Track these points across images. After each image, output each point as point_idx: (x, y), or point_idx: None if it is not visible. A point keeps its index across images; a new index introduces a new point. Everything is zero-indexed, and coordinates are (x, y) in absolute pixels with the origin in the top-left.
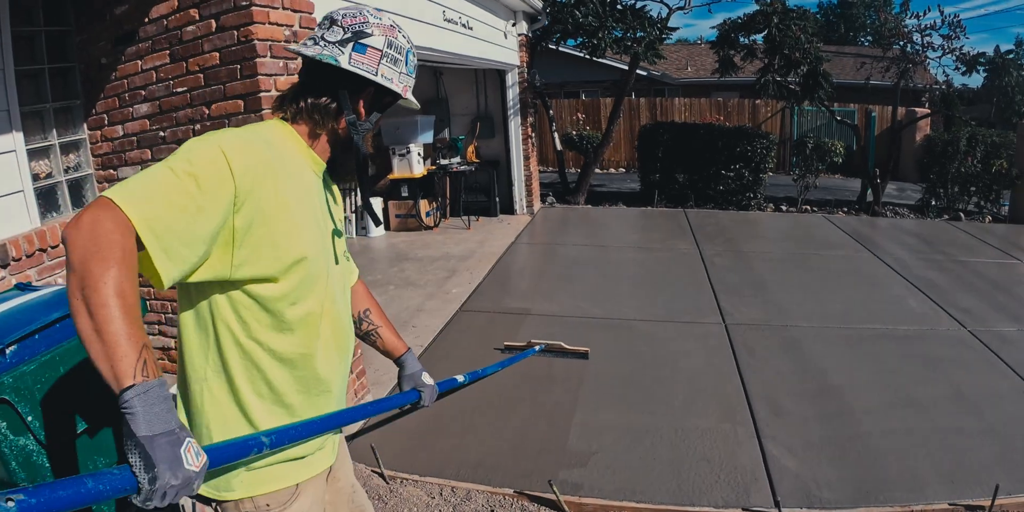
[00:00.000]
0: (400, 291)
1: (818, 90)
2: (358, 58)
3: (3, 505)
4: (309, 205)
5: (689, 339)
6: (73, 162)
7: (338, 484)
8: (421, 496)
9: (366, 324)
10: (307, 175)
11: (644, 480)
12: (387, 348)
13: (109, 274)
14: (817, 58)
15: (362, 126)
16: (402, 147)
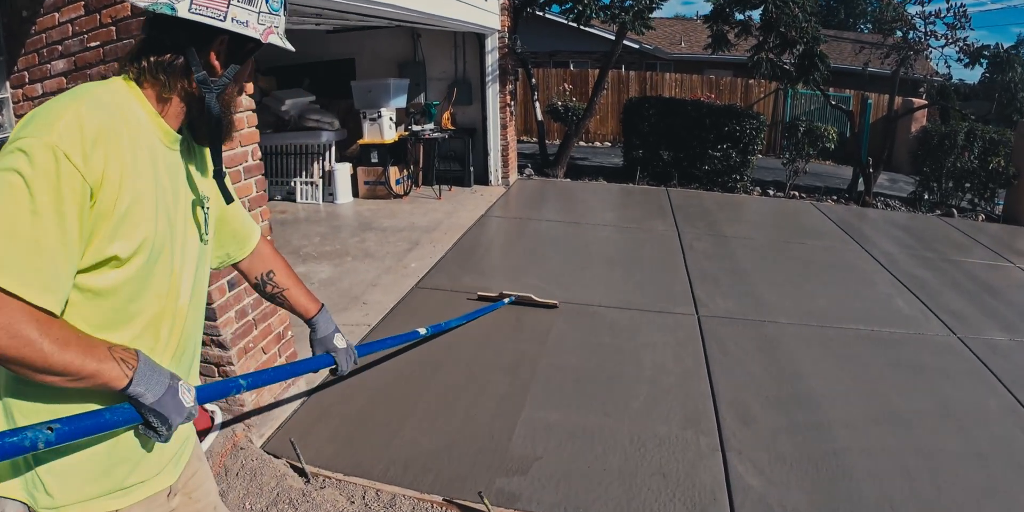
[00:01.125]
0: (356, 263)
1: (813, 72)
2: (201, 3)
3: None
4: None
5: (657, 331)
6: None
7: (197, 505)
8: (339, 500)
9: (270, 287)
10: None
11: (590, 494)
12: (297, 310)
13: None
14: (814, 38)
15: (217, 83)
16: (373, 111)
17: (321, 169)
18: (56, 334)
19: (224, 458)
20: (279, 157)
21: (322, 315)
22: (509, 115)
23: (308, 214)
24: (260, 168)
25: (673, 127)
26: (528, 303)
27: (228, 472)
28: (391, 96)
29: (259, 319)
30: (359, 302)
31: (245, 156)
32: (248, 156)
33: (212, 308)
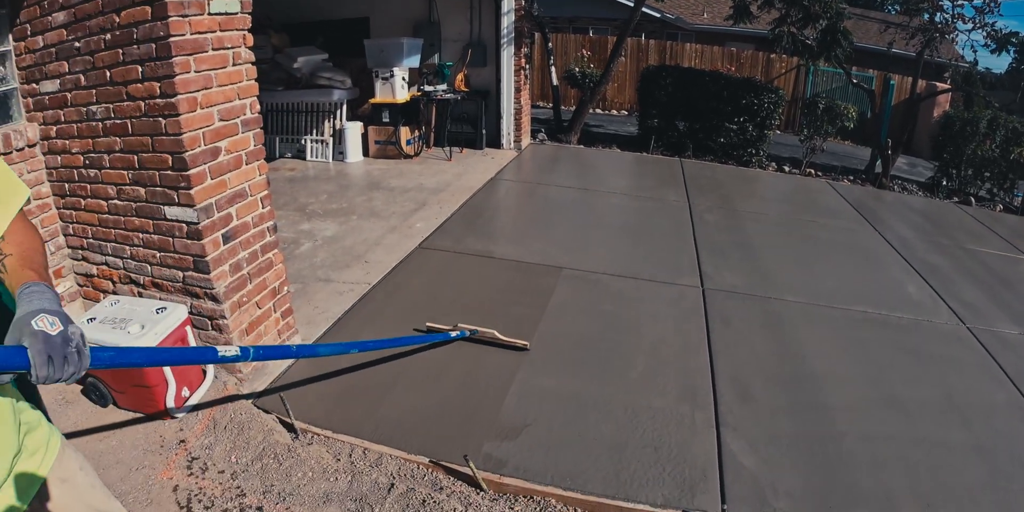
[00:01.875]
0: (361, 222)
1: (835, 48)
2: None
3: None
4: None
5: (661, 301)
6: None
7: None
8: (324, 457)
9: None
10: None
11: (578, 464)
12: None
13: None
14: (838, 13)
15: None
16: (385, 70)
17: (332, 127)
18: None
19: (214, 412)
20: (290, 115)
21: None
22: (523, 78)
23: (317, 172)
24: (258, 121)
25: (690, 97)
26: (491, 342)
27: (216, 425)
28: (404, 56)
29: (254, 273)
30: (361, 261)
31: (243, 109)
32: (247, 109)
33: (206, 261)
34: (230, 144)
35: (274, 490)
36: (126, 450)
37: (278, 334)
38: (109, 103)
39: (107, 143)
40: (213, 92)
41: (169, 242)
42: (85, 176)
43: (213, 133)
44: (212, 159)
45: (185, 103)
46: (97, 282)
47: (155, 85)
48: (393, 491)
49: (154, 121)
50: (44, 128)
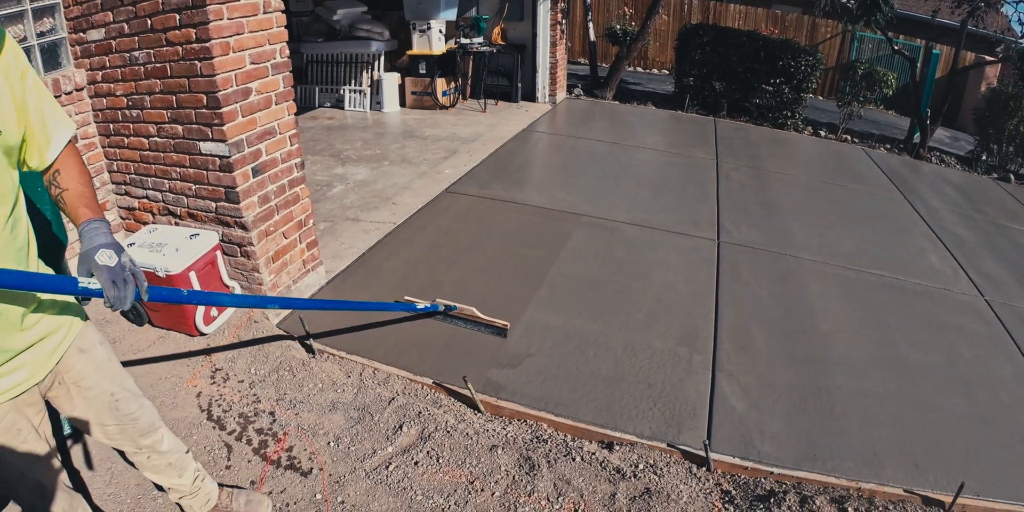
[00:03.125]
0: (393, 167)
1: (875, 12)
2: None
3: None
4: None
5: (674, 251)
6: (48, 26)
7: (88, 394)
8: (336, 373)
9: (54, 188)
10: None
11: (572, 393)
12: (70, 215)
13: None
14: None
15: None
16: (423, 22)
17: (370, 78)
18: None
19: (239, 330)
20: (329, 65)
21: (90, 225)
22: (560, 33)
23: (355, 121)
24: (287, 65)
25: (727, 57)
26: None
27: (240, 341)
28: (441, 8)
29: (281, 205)
30: (389, 202)
31: (273, 53)
32: (276, 54)
33: (236, 192)
34: (260, 85)
35: (286, 398)
36: (157, 362)
37: (303, 263)
38: (150, 49)
39: (148, 85)
40: (244, 37)
41: (204, 175)
42: (128, 116)
43: (244, 75)
44: (243, 99)
45: (218, 47)
46: (138, 215)
47: (191, 31)
48: (393, 403)
49: (191, 64)
50: (91, 73)
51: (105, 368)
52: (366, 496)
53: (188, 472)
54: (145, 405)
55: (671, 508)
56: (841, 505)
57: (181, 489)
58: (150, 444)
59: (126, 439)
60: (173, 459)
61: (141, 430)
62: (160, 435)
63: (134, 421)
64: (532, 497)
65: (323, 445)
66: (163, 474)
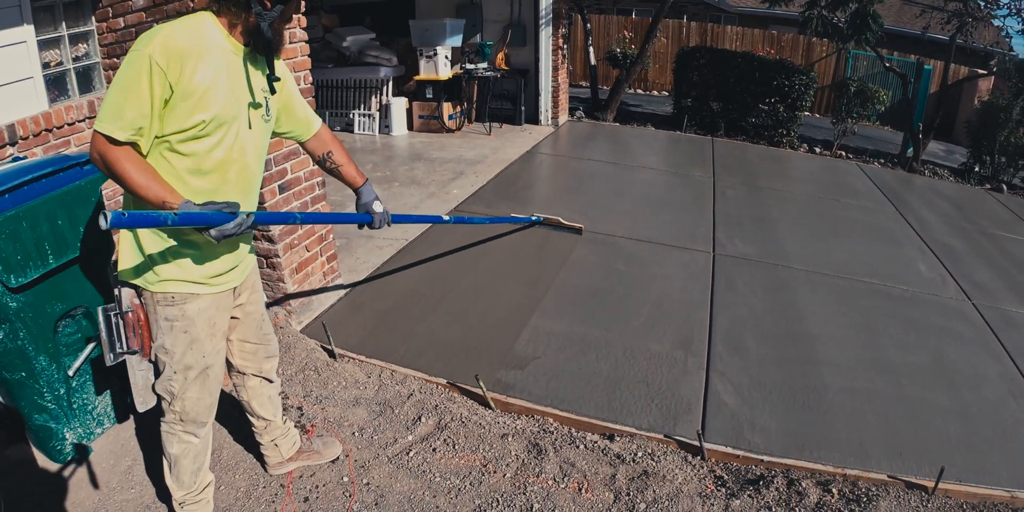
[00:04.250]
0: (403, 188)
1: (865, 31)
2: None
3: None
4: (224, 80)
5: (671, 264)
6: (82, 51)
7: (248, 309)
8: (357, 374)
9: (329, 163)
10: (226, 56)
11: (576, 391)
12: (347, 181)
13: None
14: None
15: (268, 15)
16: (429, 49)
17: (378, 102)
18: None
19: None
20: (339, 90)
21: (366, 186)
22: (561, 58)
23: (364, 144)
24: (311, 92)
25: (723, 78)
26: (555, 225)
27: None
28: (447, 35)
29: None
30: None
31: (298, 80)
32: (300, 81)
33: (263, 207)
34: None
35: (312, 395)
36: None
37: (323, 275)
38: None
39: None
40: None
41: None
42: None
43: None
44: None
45: None
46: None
47: None
48: (411, 398)
49: None
50: None
51: (261, 294)
52: (389, 478)
53: (279, 411)
54: (274, 333)
55: (667, 487)
56: (826, 487)
57: (276, 425)
58: (269, 369)
59: (256, 360)
60: (274, 393)
61: (269, 352)
62: (275, 364)
63: (268, 342)
64: (540, 477)
65: (348, 435)
66: (265, 407)
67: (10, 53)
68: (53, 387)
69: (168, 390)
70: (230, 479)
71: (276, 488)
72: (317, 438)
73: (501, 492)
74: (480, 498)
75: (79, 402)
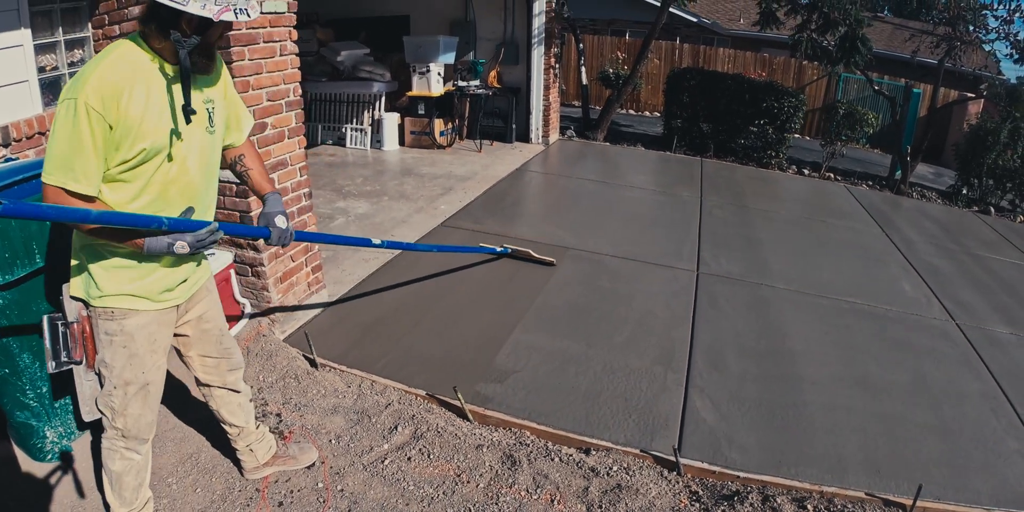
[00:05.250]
0: (392, 203)
1: (855, 55)
2: None
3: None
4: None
5: (655, 281)
6: (78, 57)
7: (205, 326)
8: (337, 383)
9: (239, 166)
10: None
11: (554, 405)
12: (254, 187)
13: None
14: (857, 21)
15: (187, 43)
16: (422, 65)
17: (371, 117)
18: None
19: (248, 342)
20: (332, 104)
21: (273, 195)
22: (553, 77)
23: (355, 158)
24: (300, 104)
25: (713, 99)
26: (524, 258)
27: (249, 352)
28: (440, 52)
29: None
30: (387, 235)
31: (288, 92)
32: (290, 92)
33: (250, 216)
34: (275, 121)
35: (292, 402)
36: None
37: (307, 286)
38: None
39: None
40: (263, 77)
41: (221, 200)
42: None
43: (261, 111)
44: (259, 132)
45: (239, 85)
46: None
47: None
48: (389, 408)
49: None
50: None
51: (218, 309)
52: (363, 486)
53: (252, 418)
54: (236, 345)
55: (639, 500)
56: (801, 504)
57: (250, 432)
58: (234, 381)
59: (218, 373)
60: (243, 401)
61: (232, 365)
62: (240, 375)
63: (229, 356)
64: (513, 488)
65: (325, 442)
66: (236, 415)
67: (7, 56)
68: (36, 385)
69: (109, 405)
70: (207, 482)
71: (251, 492)
72: (294, 444)
73: (473, 502)
74: (452, 508)
75: (61, 401)
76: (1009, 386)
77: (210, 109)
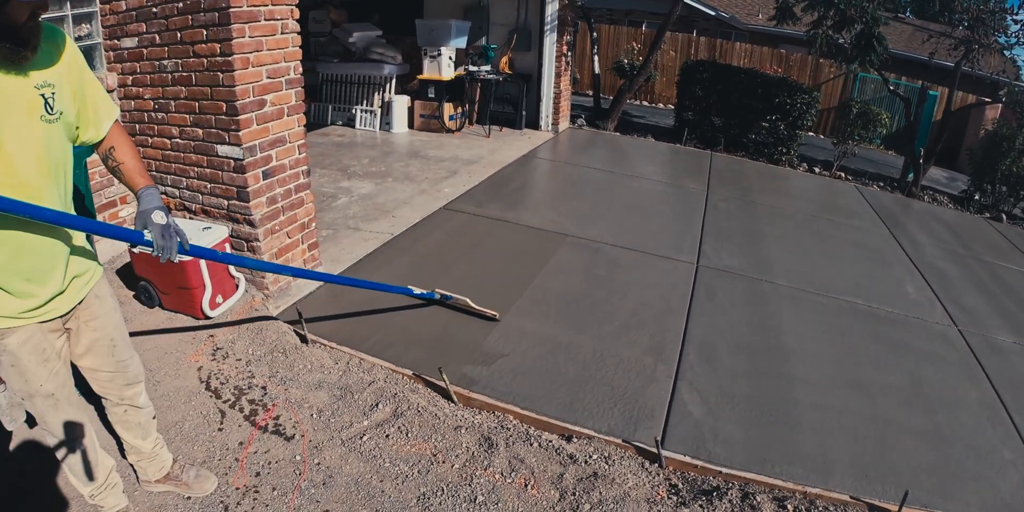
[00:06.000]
0: (396, 184)
1: (870, 53)
2: None
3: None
4: None
5: (653, 272)
6: (85, 31)
7: (94, 335)
8: (324, 359)
9: (110, 161)
10: None
11: (539, 391)
12: (127, 183)
13: None
14: (873, 18)
15: None
16: (434, 49)
17: (381, 99)
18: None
19: (241, 315)
20: (343, 85)
21: (147, 191)
22: (564, 65)
23: (364, 139)
24: (300, 82)
25: (726, 93)
26: (462, 309)
27: (241, 326)
28: (452, 36)
29: (287, 207)
30: (389, 215)
31: (288, 70)
32: (291, 70)
33: (247, 191)
34: (275, 98)
35: (278, 376)
36: (164, 339)
37: (303, 262)
38: (178, 59)
39: (174, 91)
40: (263, 54)
41: (219, 175)
42: (153, 118)
43: (261, 88)
44: (259, 109)
45: (239, 61)
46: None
47: (216, 46)
48: (373, 386)
49: (213, 75)
50: (121, 77)
51: (112, 316)
52: (340, 460)
53: (151, 437)
54: (135, 357)
55: (614, 490)
56: (782, 503)
57: (142, 450)
58: (131, 395)
59: (114, 387)
60: (143, 419)
61: (128, 379)
62: (141, 389)
63: (125, 369)
64: (488, 471)
65: (306, 416)
66: (131, 432)
67: None
68: None
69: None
70: (188, 450)
71: (231, 461)
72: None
73: (447, 482)
74: (426, 486)
75: None
76: (1008, 396)
77: (47, 95)
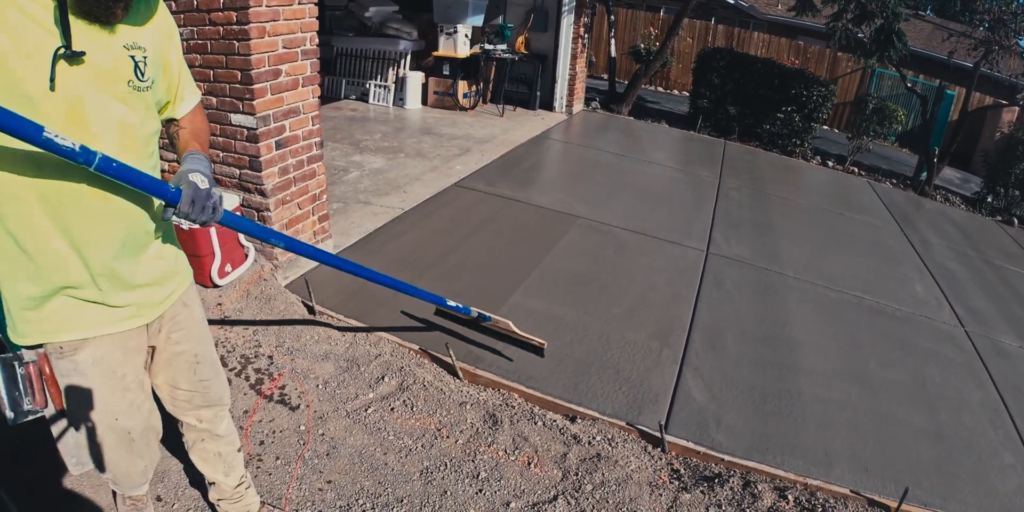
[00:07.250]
0: (407, 160)
1: (889, 48)
2: None
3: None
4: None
5: (662, 257)
6: None
7: (176, 348)
8: (331, 331)
9: (173, 127)
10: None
11: (545, 370)
12: (179, 147)
13: None
14: (894, 14)
15: None
16: (450, 26)
17: (395, 75)
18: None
19: (249, 285)
20: (358, 60)
21: (192, 154)
22: (581, 46)
23: (377, 114)
24: (316, 53)
25: (742, 82)
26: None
27: (249, 295)
28: (469, 14)
29: (298, 178)
30: (400, 191)
31: (304, 41)
32: (306, 41)
33: (259, 161)
34: (289, 68)
35: (285, 345)
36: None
37: (313, 234)
38: (194, 26)
39: (189, 59)
40: (279, 24)
41: (231, 144)
42: None
43: (276, 58)
44: (273, 78)
45: (255, 31)
46: (167, 177)
47: (232, 14)
48: (379, 359)
49: (229, 43)
50: None
51: (198, 328)
52: (344, 432)
53: (235, 473)
54: (220, 377)
55: (617, 472)
56: (783, 493)
57: (224, 488)
58: (209, 418)
59: (191, 408)
60: (224, 449)
61: (208, 400)
62: (224, 415)
63: (206, 389)
64: (491, 447)
65: (312, 387)
66: (210, 464)
67: None
68: None
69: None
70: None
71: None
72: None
73: (451, 457)
74: (429, 460)
75: None
76: (1011, 399)
77: (137, 58)
